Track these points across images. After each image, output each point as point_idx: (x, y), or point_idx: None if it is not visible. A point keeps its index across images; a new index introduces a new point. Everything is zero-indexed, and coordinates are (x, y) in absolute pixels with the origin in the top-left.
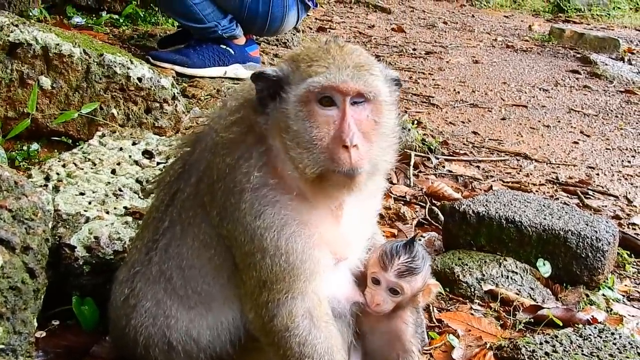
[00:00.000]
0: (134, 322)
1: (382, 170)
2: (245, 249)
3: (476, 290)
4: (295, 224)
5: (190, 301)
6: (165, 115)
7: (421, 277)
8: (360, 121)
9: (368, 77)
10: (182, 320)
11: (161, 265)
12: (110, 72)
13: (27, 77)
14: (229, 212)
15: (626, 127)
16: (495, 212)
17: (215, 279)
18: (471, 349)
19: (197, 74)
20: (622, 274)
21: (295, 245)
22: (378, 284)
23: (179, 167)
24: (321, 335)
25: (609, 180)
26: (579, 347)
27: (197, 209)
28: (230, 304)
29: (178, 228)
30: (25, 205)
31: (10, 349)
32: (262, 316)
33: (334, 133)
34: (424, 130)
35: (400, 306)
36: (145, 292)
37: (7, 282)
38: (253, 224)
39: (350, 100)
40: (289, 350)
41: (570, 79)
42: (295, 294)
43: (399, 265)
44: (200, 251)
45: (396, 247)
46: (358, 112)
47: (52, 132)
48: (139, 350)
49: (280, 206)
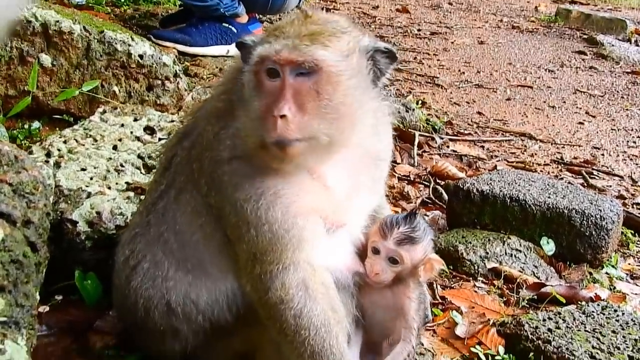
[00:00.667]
0: (133, 283)
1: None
2: (232, 222)
3: (480, 268)
4: (270, 194)
5: (187, 264)
6: (167, 93)
7: (421, 248)
8: (300, 92)
9: (309, 48)
10: (180, 283)
11: (159, 227)
12: (111, 49)
13: (27, 55)
14: (215, 183)
15: (632, 108)
16: (500, 191)
17: (206, 247)
18: (474, 325)
19: (199, 53)
20: (625, 252)
21: (275, 214)
22: (378, 253)
23: (181, 132)
24: (317, 307)
25: (614, 161)
26: (582, 324)
27: (188, 174)
28: (225, 274)
29: (172, 192)
30: (25, 179)
31: (12, 322)
32: (258, 290)
33: (268, 103)
34: (428, 110)
35: (402, 279)
36: (144, 253)
37: (8, 255)
38: (233, 196)
39: (292, 72)
40: (285, 323)
41: (577, 60)
42: (287, 264)
43: (399, 233)
44: (192, 218)
45: (397, 217)
46: (300, 83)
47: (53, 110)
48: (140, 314)
49: (255, 177)
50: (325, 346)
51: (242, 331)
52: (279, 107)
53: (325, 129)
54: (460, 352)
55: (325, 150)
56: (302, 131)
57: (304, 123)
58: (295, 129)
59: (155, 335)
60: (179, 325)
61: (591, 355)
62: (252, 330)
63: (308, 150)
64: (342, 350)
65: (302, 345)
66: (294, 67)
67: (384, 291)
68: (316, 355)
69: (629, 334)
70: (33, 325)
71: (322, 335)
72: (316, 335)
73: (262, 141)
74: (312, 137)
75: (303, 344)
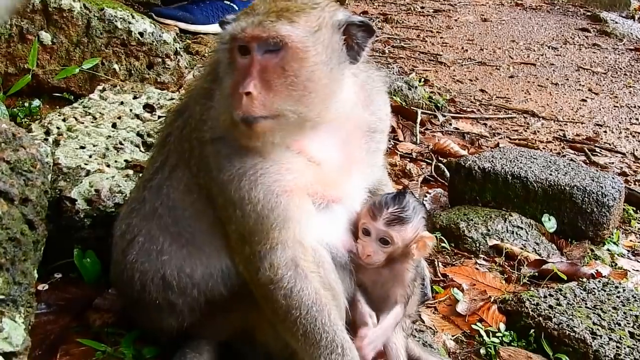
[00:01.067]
0: (129, 257)
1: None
2: (220, 202)
3: (481, 245)
4: (251, 173)
5: (181, 239)
6: (167, 71)
7: (411, 227)
8: (267, 69)
9: (274, 24)
10: (175, 257)
11: (154, 202)
12: (111, 27)
13: (27, 33)
14: (203, 164)
15: (635, 85)
16: (501, 168)
17: (198, 223)
18: (475, 302)
19: (200, 31)
20: (627, 229)
21: (257, 194)
22: (368, 235)
23: (175, 111)
24: (308, 286)
25: (617, 138)
26: (583, 300)
27: (181, 153)
28: (218, 250)
29: (167, 169)
30: (23, 157)
31: (10, 300)
32: (249, 270)
33: (237, 80)
34: (431, 88)
35: (394, 259)
36: (140, 227)
37: (6, 233)
38: (218, 178)
39: (260, 49)
40: (276, 303)
41: (580, 37)
42: (274, 244)
43: (388, 214)
44: (185, 195)
45: (386, 198)
46: (267, 60)
47: (53, 88)
48: (136, 288)
49: (236, 158)
50: (318, 325)
51: (239, 308)
52: (245, 84)
53: (292, 106)
54: (462, 329)
55: (295, 126)
56: (267, 108)
57: (269, 100)
58: (260, 106)
59: (152, 310)
60: (175, 299)
61: (592, 332)
62: (249, 307)
63: (276, 128)
64: (336, 328)
65: (294, 324)
66: (260, 43)
67: (380, 269)
68: (308, 334)
69: (629, 310)
70: (31, 303)
71: (314, 314)
72: (307, 315)
73: (232, 118)
74: (278, 114)
75: (295, 324)
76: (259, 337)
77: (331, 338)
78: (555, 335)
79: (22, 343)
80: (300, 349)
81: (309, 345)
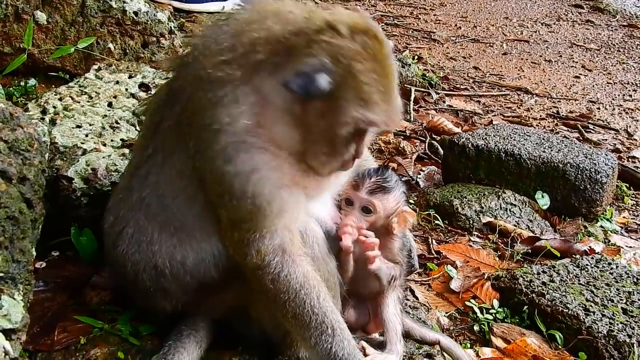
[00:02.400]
0: (120, 248)
1: None
2: (216, 189)
3: (475, 222)
4: (266, 168)
5: (170, 227)
6: (162, 50)
7: (393, 197)
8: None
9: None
10: (165, 245)
11: (141, 192)
12: (106, 6)
13: (22, 12)
14: (202, 148)
15: (628, 62)
16: (495, 145)
17: (189, 208)
18: (469, 279)
19: (195, 9)
20: (620, 206)
21: (263, 189)
22: (351, 205)
23: (164, 93)
24: (296, 270)
25: (610, 114)
26: (576, 276)
27: (179, 136)
28: (209, 234)
29: (160, 156)
30: (20, 136)
31: (9, 277)
32: (239, 254)
33: (355, 150)
34: (424, 65)
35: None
36: (127, 218)
37: (4, 211)
38: (222, 168)
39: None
40: (264, 287)
41: (573, 14)
42: (264, 232)
43: (371, 183)
44: (175, 180)
45: (369, 170)
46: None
47: (49, 67)
48: (130, 277)
49: (254, 152)
50: (306, 307)
51: (233, 286)
52: (361, 153)
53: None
54: (455, 305)
55: None
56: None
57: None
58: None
59: (146, 294)
60: (169, 285)
61: (585, 308)
62: (242, 286)
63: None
64: (325, 310)
65: (284, 307)
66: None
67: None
68: (298, 315)
69: (622, 287)
70: (30, 281)
71: (302, 297)
72: (296, 298)
73: (330, 166)
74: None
75: (284, 306)
76: (253, 313)
77: (320, 320)
78: (548, 312)
79: (21, 320)
80: (292, 330)
81: (299, 326)
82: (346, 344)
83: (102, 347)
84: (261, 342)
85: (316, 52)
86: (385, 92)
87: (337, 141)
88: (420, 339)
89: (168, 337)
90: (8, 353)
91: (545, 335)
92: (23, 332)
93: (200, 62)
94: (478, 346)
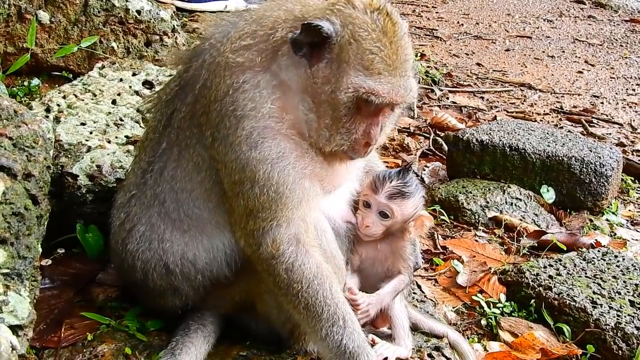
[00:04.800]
0: (130, 247)
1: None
2: (235, 178)
3: (480, 217)
4: (293, 156)
5: (183, 224)
6: (165, 48)
7: (412, 203)
8: (385, 123)
9: (415, 88)
10: (177, 244)
11: (155, 188)
12: (109, 5)
13: (25, 12)
14: (222, 135)
15: (631, 56)
16: (499, 140)
17: (205, 202)
18: (476, 274)
19: (197, 9)
20: (625, 199)
21: (288, 177)
22: (369, 207)
23: (175, 85)
24: (310, 260)
25: (614, 109)
26: (583, 270)
27: (193, 129)
28: (222, 229)
29: (175, 150)
30: (25, 133)
31: (15, 274)
32: (251, 245)
33: (364, 130)
34: (427, 62)
35: (391, 235)
36: (140, 216)
37: (9, 208)
38: (247, 154)
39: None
40: (278, 277)
41: (575, 9)
42: (281, 221)
43: (391, 187)
44: (192, 174)
45: (389, 172)
46: (387, 116)
47: (52, 67)
48: (139, 276)
49: (281, 139)
50: (319, 297)
51: (241, 282)
52: (375, 138)
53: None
54: (462, 300)
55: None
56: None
57: (379, 143)
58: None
59: (155, 293)
60: (179, 284)
61: (592, 301)
62: (251, 281)
63: None
64: (337, 300)
65: (296, 297)
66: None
67: (377, 245)
68: (310, 306)
69: (629, 279)
70: (35, 277)
71: (315, 287)
72: (309, 288)
73: (340, 151)
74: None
75: (297, 296)
76: (260, 308)
77: (332, 311)
78: (555, 305)
79: (27, 316)
80: (303, 321)
81: (310, 317)
82: (356, 336)
83: (109, 343)
84: (269, 336)
85: (327, 15)
86: (393, 66)
87: (340, 109)
88: (429, 331)
89: (175, 333)
90: (15, 348)
91: (553, 328)
92: (29, 328)
93: (217, 49)
94: (486, 340)
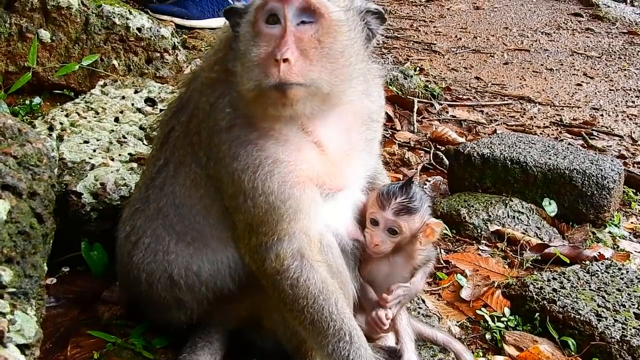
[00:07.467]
0: (135, 258)
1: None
2: (230, 192)
3: (483, 231)
4: (268, 163)
5: (187, 237)
6: (166, 65)
7: (419, 217)
8: (302, 39)
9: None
10: (182, 256)
11: (158, 202)
12: (110, 23)
13: (26, 31)
14: (213, 153)
15: (629, 68)
16: (500, 154)
17: (205, 218)
18: (479, 288)
19: (196, 26)
20: (628, 211)
21: (272, 184)
22: (376, 225)
23: (174, 106)
24: (315, 276)
25: (614, 121)
26: (587, 282)
27: (187, 147)
28: (225, 244)
29: (171, 166)
30: (30, 151)
31: (21, 292)
32: (255, 260)
33: (270, 48)
34: (426, 77)
35: (401, 248)
36: (144, 228)
37: (15, 227)
38: (231, 166)
39: (295, 19)
40: (282, 293)
41: (573, 22)
42: (281, 235)
43: (396, 204)
44: (191, 190)
45: (393, 188)
46: (302, 30)
47: (53, 85)
48: (144, 288)
49: (253, 146)
50: (325, 313)
51: (246, 298)
52: (282, 50)
53: (326, 77)
54: (466, 314)
55: (323, 100)
56: (304, 75)
57: (306, 68)
58: (298, 73)
59: (160, 306)
60: (183, 296)
61: (597, 314)
62: (256, 296)
63: (308, 97)
64: (343, 316)
65: (302, 313)
66: (296, 10)
67: (389, 258)
68: (316, 322)
69: (634, 292)
70: (42, 296)
71: (321, 303)
72: (314, 304)
73: (262, 87)
74: (314, 83)
75: (302, 312)
76: (267, 324)
77: (339, 326)
78: (560, 319)
79: (34, 335)
80: (309, 337)
81: (316, 333)
82: (363, 352)
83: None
84: (275, 352)
85: None
86: None
87: (248, 44)
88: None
89: (182, 350)
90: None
91: (558, 342)
92: (36, 347)
93: (202, 69)
94: (490, 355)
